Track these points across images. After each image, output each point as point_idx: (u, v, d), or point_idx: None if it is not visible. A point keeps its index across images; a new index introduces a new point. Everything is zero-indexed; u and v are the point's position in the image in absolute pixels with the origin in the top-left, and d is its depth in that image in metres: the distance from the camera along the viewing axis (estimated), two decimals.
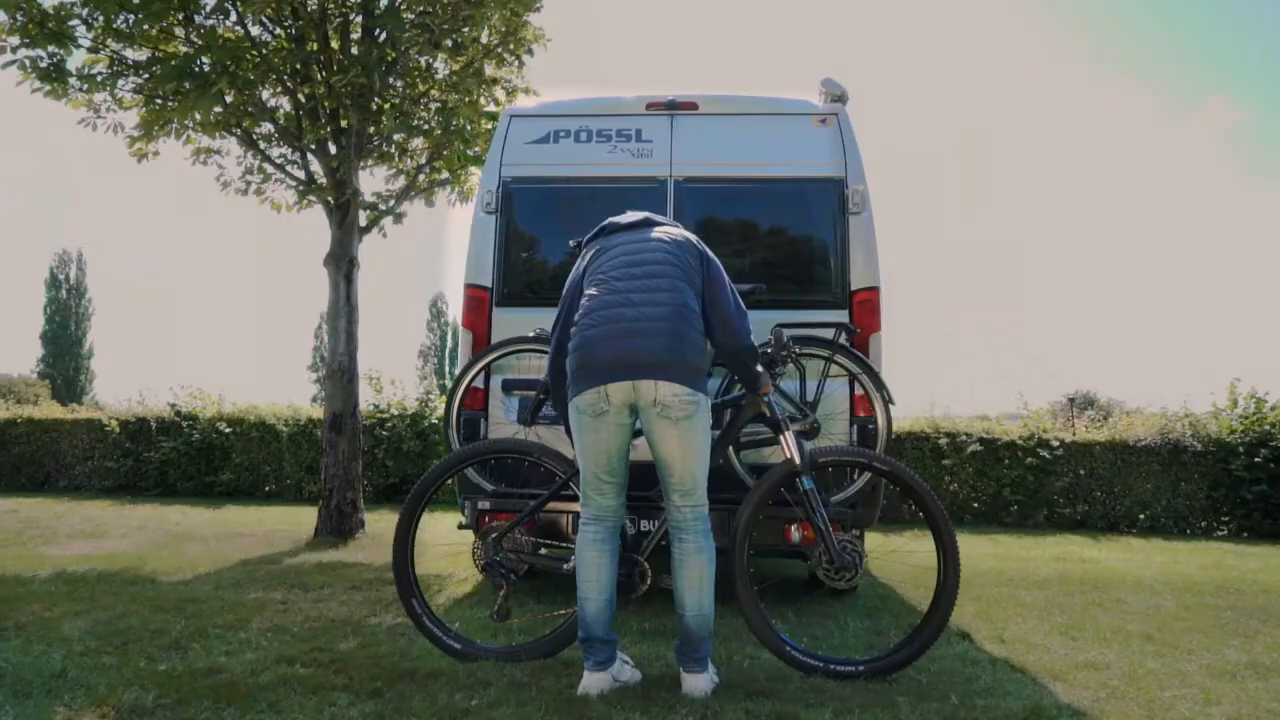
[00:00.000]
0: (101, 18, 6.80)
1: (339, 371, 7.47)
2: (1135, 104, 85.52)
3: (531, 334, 4.42)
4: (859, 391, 4.43)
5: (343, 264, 7.50)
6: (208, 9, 6.92)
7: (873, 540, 8.11)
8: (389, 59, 6.86)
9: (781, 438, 3.48)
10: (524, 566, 3.64)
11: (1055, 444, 9.98)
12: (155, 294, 77.33)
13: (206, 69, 6.50)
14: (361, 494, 7.58)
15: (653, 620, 4.24)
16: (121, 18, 6.80)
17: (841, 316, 4.59)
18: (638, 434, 3.25)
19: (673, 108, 4.96)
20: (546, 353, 4.17)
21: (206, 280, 79.18)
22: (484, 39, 7.92)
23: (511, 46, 7.88)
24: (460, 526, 4.64)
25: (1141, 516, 9.84)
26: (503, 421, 4.59)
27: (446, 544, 5.70)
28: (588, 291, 3.25)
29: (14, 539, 7.15)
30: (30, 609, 4.25)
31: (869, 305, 4.64)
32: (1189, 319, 69.29)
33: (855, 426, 4.46)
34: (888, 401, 4.19)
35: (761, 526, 4.02)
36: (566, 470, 3.57)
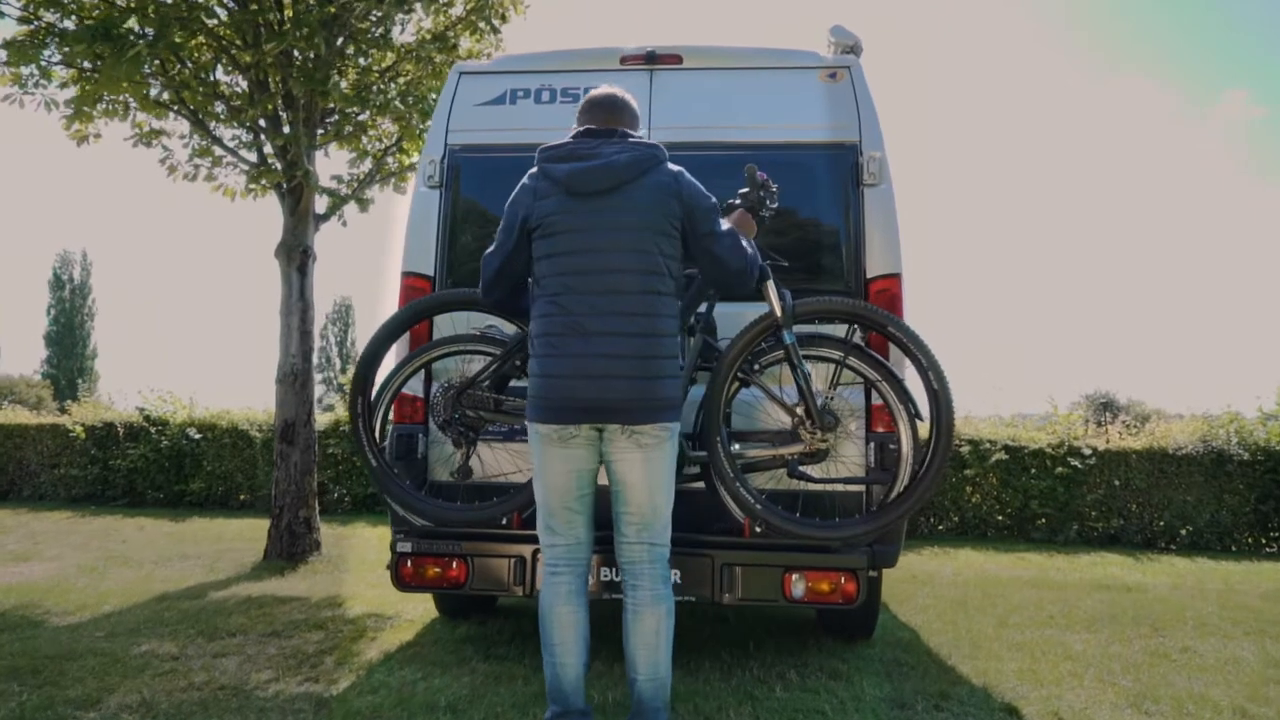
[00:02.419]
0: None
1: (291, 375, 6.68)
2: (1151, 99, 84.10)
3: (477, 331, 3.59)
4: (877, 401, 3.60)
5: (295, 255, 6.70)
6: None
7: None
8: (329, 15, 6.04)
9: (763, 287, 3.13)
10: (484, 425, 3.32)
11: (1087, 452, 9.11)
12: (156, 292, 77.04)
13: (122, 31, 5.71)
14: (317, 511, 6.79)
15: (618, 689, 3.43)
16: None
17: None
18: None
19: (652, 61, 4.13)
20: (495, 355, 3.39)
21: (209, 277, 78.94)
22: (457, 8, 7.13)
23: (486, 13, 7.08)
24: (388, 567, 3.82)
25: (1183, 532, 8.96)
26: (447, 440, 3.74)
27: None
28: (540, 292, 2.76)
29: None
30: None
31: (888, 296, 3.80)
32: (1208, 318, 67.93)
33: (873, 445, 3.63)
34: (914, 415, 3.31)
35: (758, 576, 3.24)
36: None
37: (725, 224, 2.91)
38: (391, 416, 3.74)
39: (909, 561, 7.22)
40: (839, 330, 3.41)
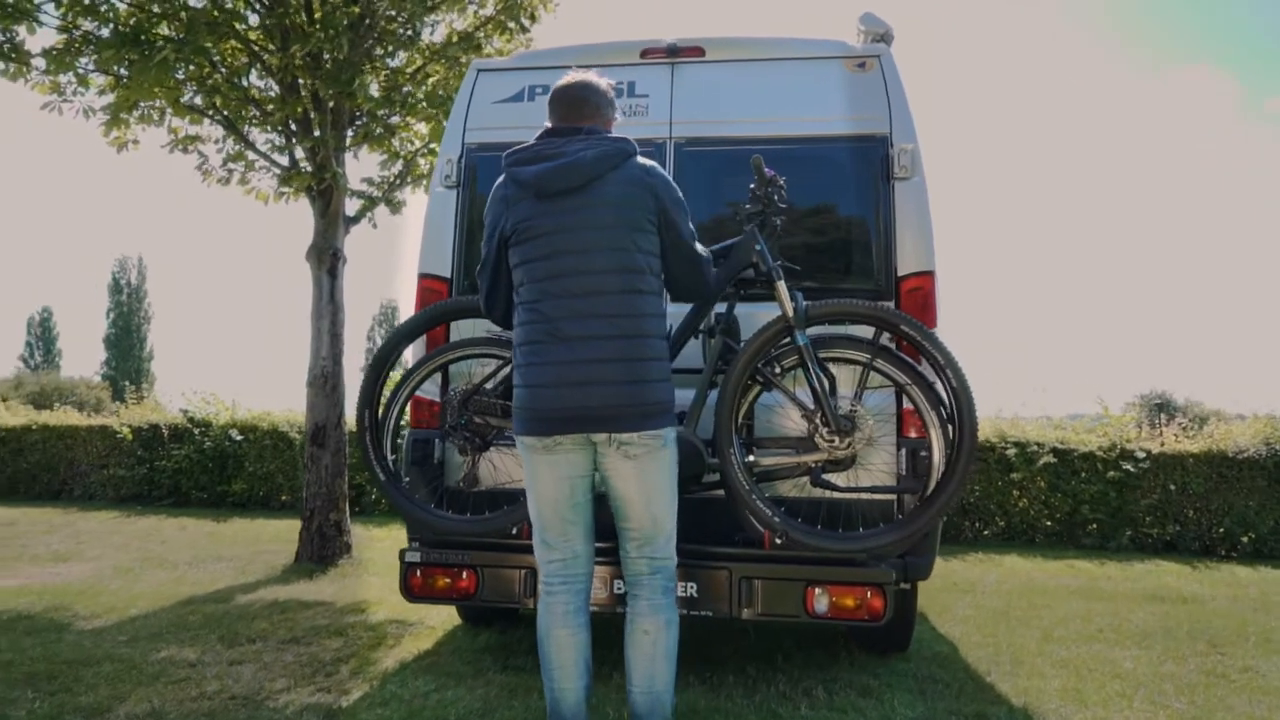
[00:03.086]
0: None
1: (322, 378, 6.68)
2: (1214, 90, 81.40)
3: (491, 334, 3.49)
4: (908, 405, 3.42)
5: (325, 258, 6.71)
6: None
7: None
8: (353, 17, 6.01)
9: (774, 288, 3.03)
10: (492, 432, 3.20)
11: (1141, 455, 8.73)
12: (204, 295, 79.04)
13: (151, 37, 5.75)
14: (348, 514, 6.79)
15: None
16: None
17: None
18: None
19: (673, 54, 4.00)
20: (505, 358, 3.29)
21: (255, 279, 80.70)
22: (487, 8, 7.08)
23: (516, 12, 7.01)
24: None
25: (1244, 539, 8.53)
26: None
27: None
28: (519, 300, 2.66)
29: None
30: None
31: (921, 295, 3.61)
32: (1272, 314, 65.51)
33: (904, 451, 3.45)
34: (945, 420, 3.12)
35: (778, 590, 3.09)
36: None
37: (693, 237, 2.81)
38: (408, 420, 3.67)
39: (951, 569, 6.98)
40: (866, 332, 3.24)
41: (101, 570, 6.21)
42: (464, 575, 3.27)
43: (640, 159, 2.70)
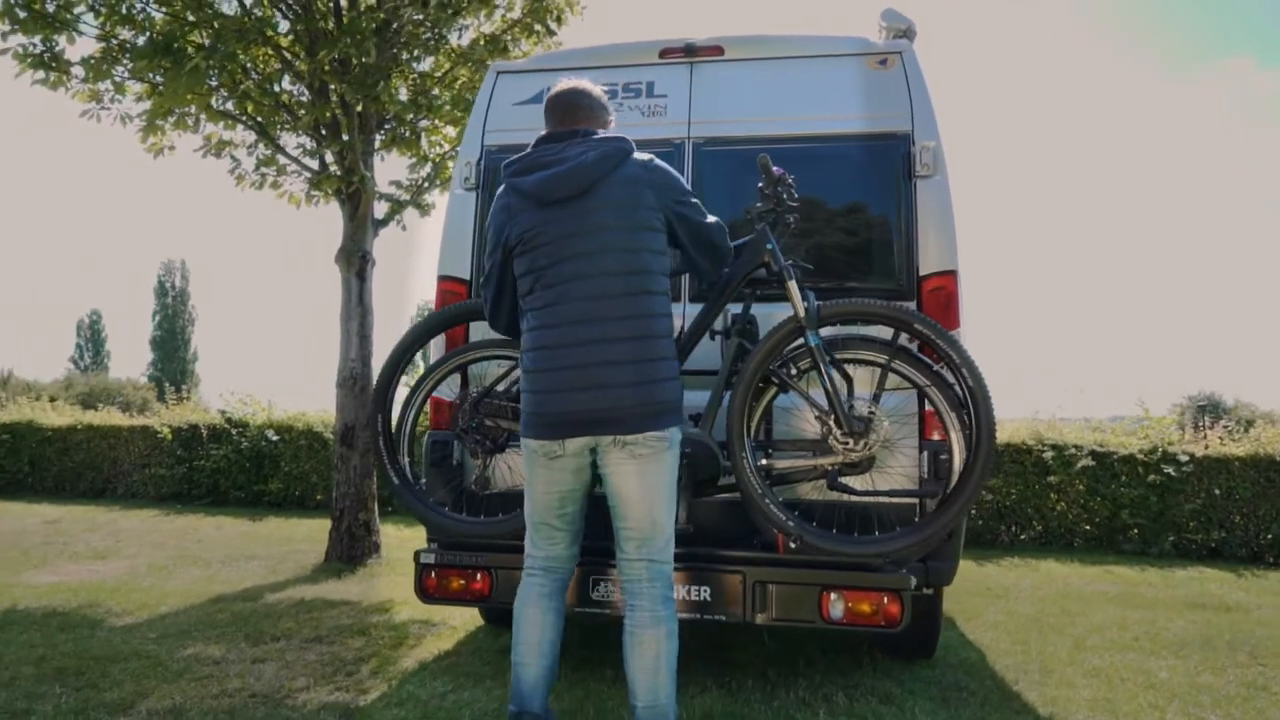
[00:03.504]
0: (106, 6, 6.26)
1: (350, 379, 6.76)
2: (1256, 81, 79.22)
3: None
4: (929, 408, 3.35)
5: (354, 260, 6.78)
6: None
7: (964, 569, 6.95)
8: (379, 22, 6.07)
9: (786, 288, 3.00)
10: (503, 435, 3.21)
11: (1184, 459, 8.50)
12: (243, 296, 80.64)
13: (182, 45, 5.86)
14: (376, 514, 6.86)
15: None
16: (133, 2, 6.24)
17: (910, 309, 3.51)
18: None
19: (692, 53, 3.97)
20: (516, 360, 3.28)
21: (293, 281, 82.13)
22: (515, 11, 7.12)
23: (542, 15, 7.03)
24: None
25: None
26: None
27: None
28: (526, 307, 2.68)
29: (17, 558, 6.72)
30: None
31: (943, 295, 3.54)
32: None
33: (926, 454, 3.38)
34: (968, 426, 3.04)
35: (793, 595, 3.05)
36: None
37: (705, 217, 2.84)
38: (426, 421, 3.68)
39: (985, 574, 6.86)
40: (886, 333, 3.18)
41: (136, 568, 6.34)
42: (478, 577, 3.28)
43: (639, 155, 2.69)
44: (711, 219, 2.83)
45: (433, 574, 3.32)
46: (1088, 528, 8.73)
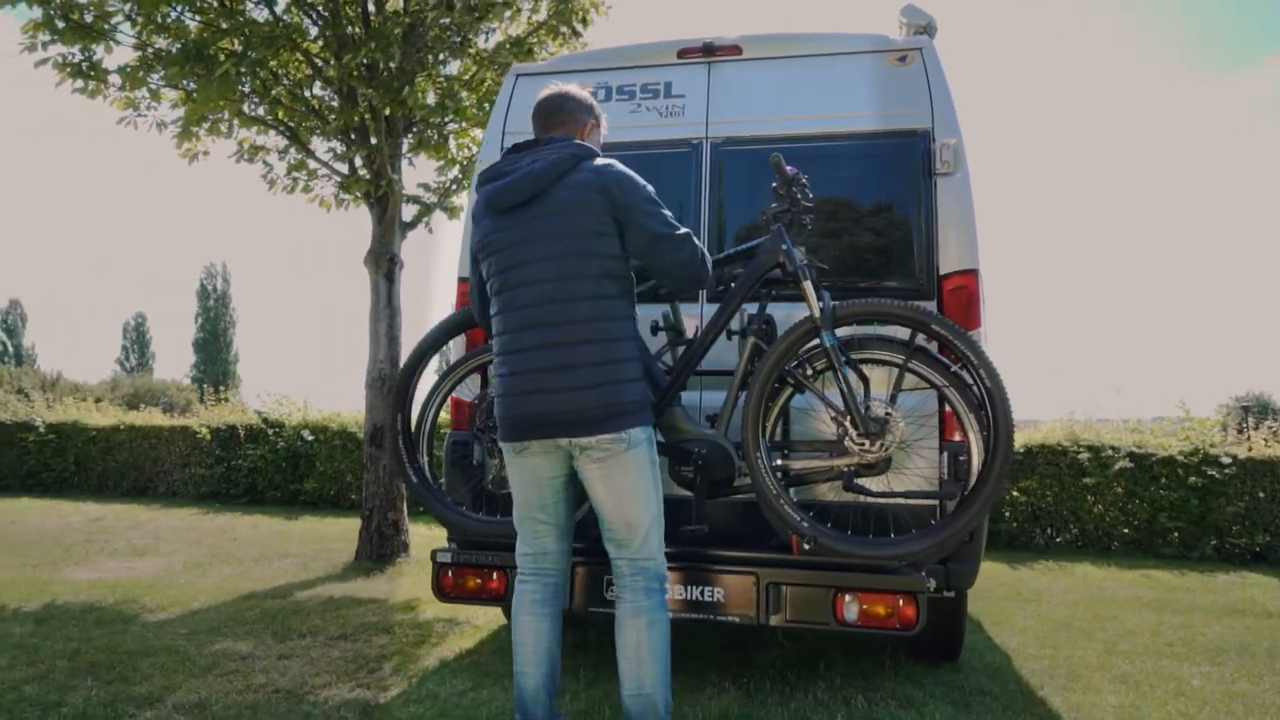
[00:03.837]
0: (142, 16, 6.41)
1: (379, 380, 6.84)
2: None
3: None
4: (948, 408, 3.30)
5: (383, 263, 6.87)
6: None
7: (997, 572, 6.86)
8: (404, 26, 6.14)
9: (801, 287, 2.97)
10: None
11: (1226, 461, 8.29)
12: (285, 298, 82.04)
13: (213, 52, 5.98)
14: (405, 514, 6.94)
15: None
16: (168, 11, 6.39)
17: (928, 309, 3.47)
18: None
19: (710, 53, 3.96)
20: None
21: (331, 284, 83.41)
22: (540, 13, 7.16)
23: (568, 17, 7.06)
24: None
25: None
26: None
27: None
28: (491, 313, 2.74)
29: (59, 554, 6.91)
30: None
31: (964, 294, 3.50)
32: None
33: (946, 455, 3.34)
34: (986, 428, 2.98)
35: (807, 596, 3.03)
36: None
37: (673, 222, 2.71)
38: (443, 421, 3.72)
39: (1017, 577, 6.75)
40: (903, 333, 3.14)
41: (173, 565, 6.48)
42: (494, 576, 3.30)
43: (597, 161, 2.67)
44: (680, 230, 2.69)
45: (449, 573, 3.35)
46: (1126, 531, 8.56)
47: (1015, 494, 8.75)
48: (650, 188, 2.69)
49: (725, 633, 4.38)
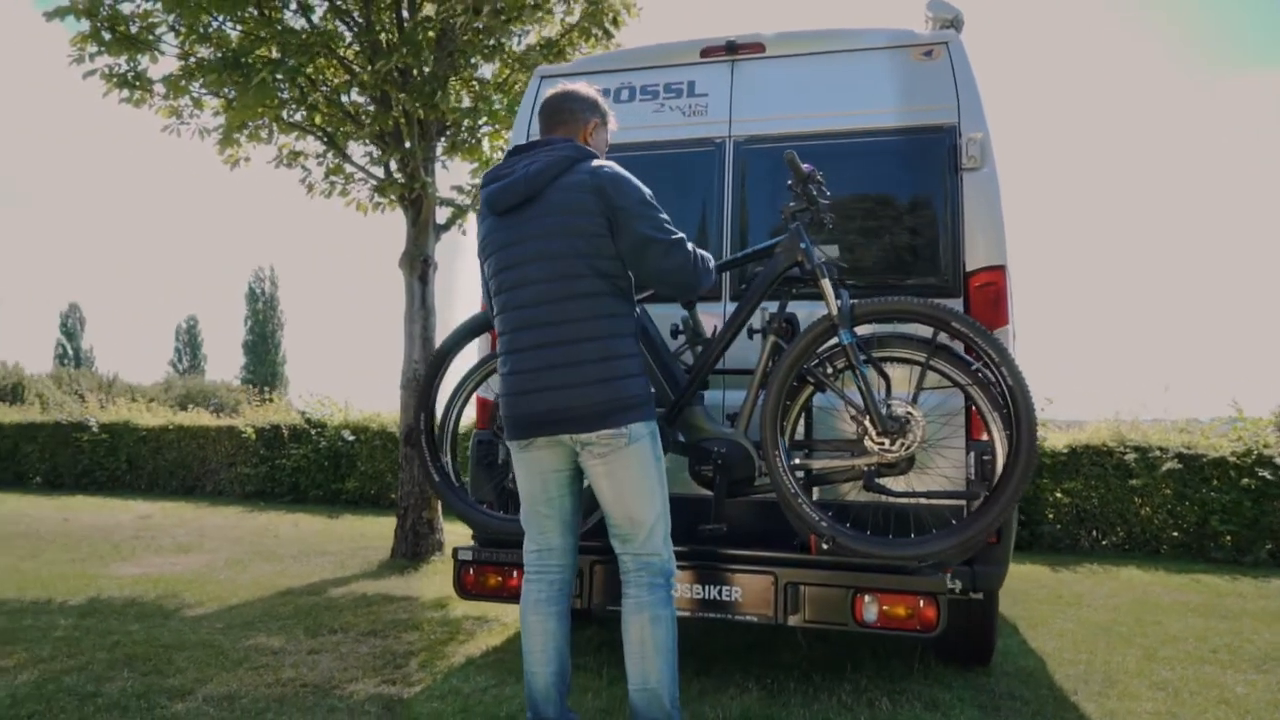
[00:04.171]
0: (185, 26, 6.58)
1: (414, 380, 6.93)
2: None
3: None
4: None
5: (417, 265, 6.96)
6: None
7: (1038, 575, 6.72)
8: (435, 31, 6.21)
9: (819, 285, 2.97)
10: None
11: None
12: (329, 299, 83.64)
13: (251, 60, 6.11)
14: (440, 513, 7.02)
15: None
16: (209, 21, 6.56)
17: (954, 306, 3.41)
18: None
19: (733, 51, 3.94)
20: None
21: (371, 284, 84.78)
22: (573, 15, 7.19)
23: (599, 18, 7.09)
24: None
25: None
26: None
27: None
28: (493, 314, 2.78)
29: (108, 550, 7.12)
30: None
31: (992, 291, 3.44)
32: None
33: (973, 454, 3.28)
34: (1012, 428, 2.91)
35: (825, 597, 3.00)
36: None
37: (669, 227, 2.66)
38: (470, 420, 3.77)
39: (1059, 580, 6.61)
40: (927, 331, 3.10)
41: (214, 562, 6.64)
42: (514, 574, 3.32)
43: (593, 163, 2.66)
44: (674, 235, 2.65)
45: (470, 570, 3.38)
46: (1175, 534, 8.33)
47: (1059, 495, 8.57)
48: (647, 190, 2.67)
49: (753, 633, 4.35)
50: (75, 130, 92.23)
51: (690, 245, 2.72)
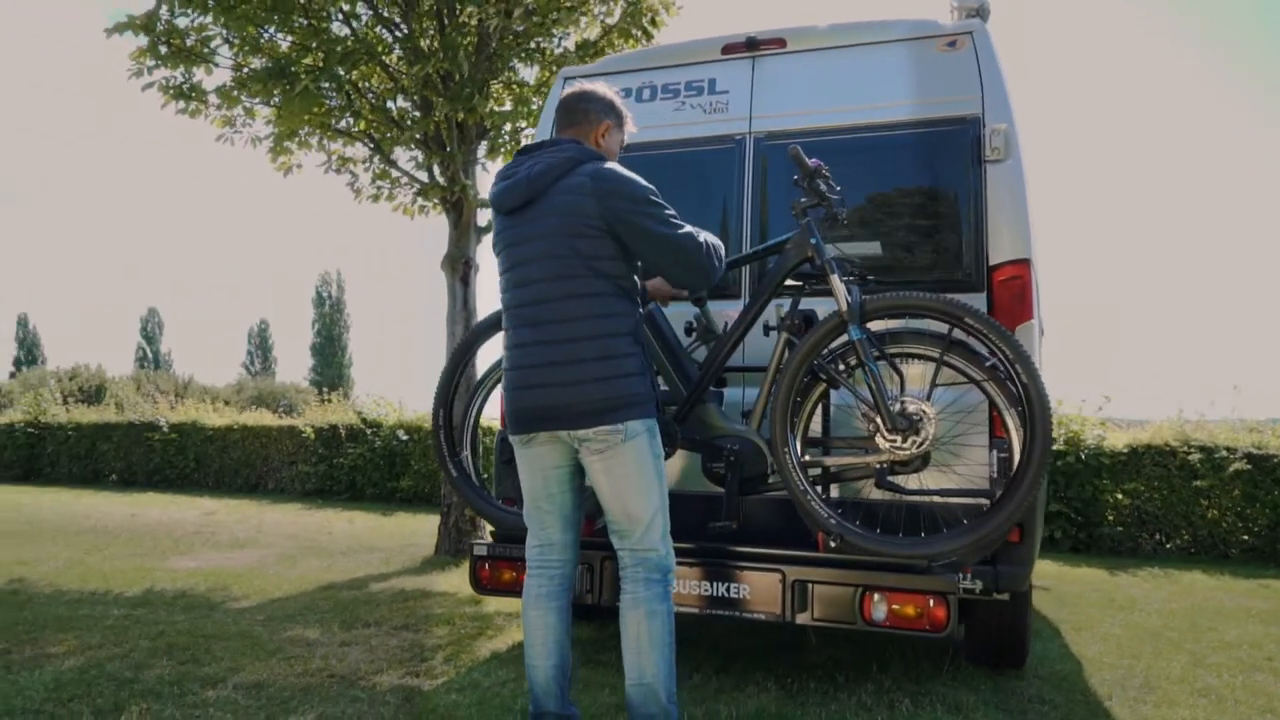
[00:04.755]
0: (238, 38, 6.82)
1: None
2: None
3: None
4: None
5: (459, 266, 7.08)
6: (321, 13, 6.75)
7: (1093, 578, 6.50)
8: (473, 35, 6.31)
9: (829, 281, 2.93)
10: None
11: None
12: (389, 301, 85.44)
13: (296, 68, 6.30)
14: None
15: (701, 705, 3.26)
16: (258, 33, 6.78)
17: (978, 301, 3.35)
18: None
19: (754, 47, 3.92)
20: None
21: (426, 288, 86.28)
22: (613, 16, 7.24)
23: (638, 18, 7.12)
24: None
25: None
26: None
27: None
28: (502, 308, 2.85)
29: (169, 545, 7.41)
30: (50, 638, 4.10)
31: (1016, 285, 3.35)
32: None
33: (994, 452, 3.19)
34: (1027, 424, 2.83)
35: (833, 595, 2.97)
36: None
37: (675, 221, 2.67)
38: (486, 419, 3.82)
39: (1115, 583, 6.39)
40: (942, 327, 3.03)
41: (267, 557, 6.86)
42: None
43: (596, 164, 2.67)
44: (682, 228, 2.67)
45: (485, 565, 3.43)
46: (1245, 538, 7.99)
47: (1119, 497, 8.29)
48: (650, 187, 2.67)
49: (775, 632, 4.32)
50: (154, 145, 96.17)
51: (702, 237, 2.74)
